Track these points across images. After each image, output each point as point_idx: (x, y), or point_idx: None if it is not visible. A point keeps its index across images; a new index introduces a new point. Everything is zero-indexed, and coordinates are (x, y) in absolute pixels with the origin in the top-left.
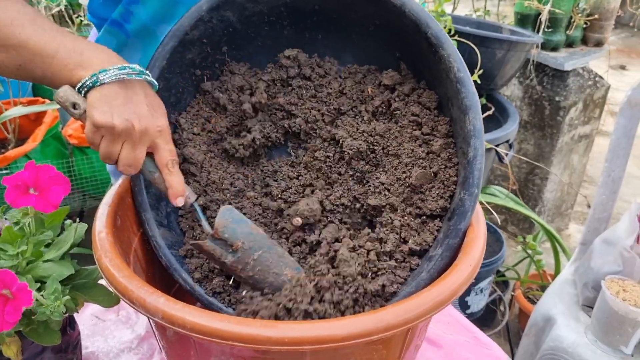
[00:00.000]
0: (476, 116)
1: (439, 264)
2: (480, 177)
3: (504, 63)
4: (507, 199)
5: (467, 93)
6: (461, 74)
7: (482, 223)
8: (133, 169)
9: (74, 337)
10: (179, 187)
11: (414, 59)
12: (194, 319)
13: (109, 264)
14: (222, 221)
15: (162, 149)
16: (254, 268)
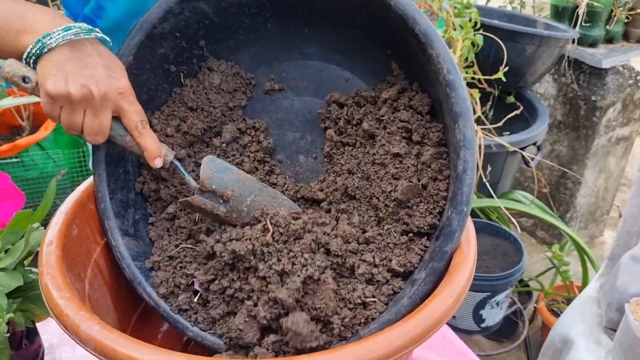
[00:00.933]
0: (467, 124)
1: (422, 289)
2: (471, 193)
3: (535, 59)
4: (533, 205)
5: (457, 98)
6: (451, 76)
7: (472, 245)
8: (101, 136)
9: (32, 350)
10: (154, 148)
11: (406, 57)
12: (128, 352)
13: (49, 282)
14: (207, 172)
15: (127, 111)
16: (249, 214)
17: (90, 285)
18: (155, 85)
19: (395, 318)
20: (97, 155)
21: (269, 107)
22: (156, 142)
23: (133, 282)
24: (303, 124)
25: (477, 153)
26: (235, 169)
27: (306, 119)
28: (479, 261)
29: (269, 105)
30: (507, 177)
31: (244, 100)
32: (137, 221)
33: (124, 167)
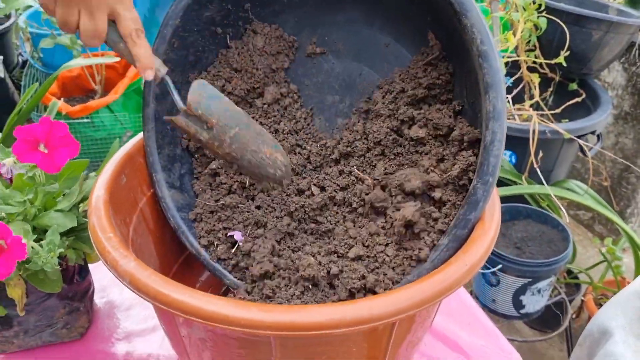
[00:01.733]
0: (497, 96)
1: (444, 255)
2: (497, 164)
3: (601, 46)
4: (587, 195)
5: (489, 69)
6: (484, 47)
7: (496, 217)
8: (97, 39)
9: (83, 286)
10: (146, 60)
11: (444, 26)
12: (158, 288)
13: (95, 223)
14: (195, 97)
15: (123, 17)
16: (231, 146)
17: (135, 231)
18: (202, 47)
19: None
20: (146, 112)
21: (310, 70)
22: (150, 54)
23: (177, 231)
24: (342, 88)
25: (505, 124)
26: (226, 98)
27: (346, 83)
28: (523, 246)
29: (311, 69)
30: (563, 165)
31: (287, 62)
32: (183, 175)
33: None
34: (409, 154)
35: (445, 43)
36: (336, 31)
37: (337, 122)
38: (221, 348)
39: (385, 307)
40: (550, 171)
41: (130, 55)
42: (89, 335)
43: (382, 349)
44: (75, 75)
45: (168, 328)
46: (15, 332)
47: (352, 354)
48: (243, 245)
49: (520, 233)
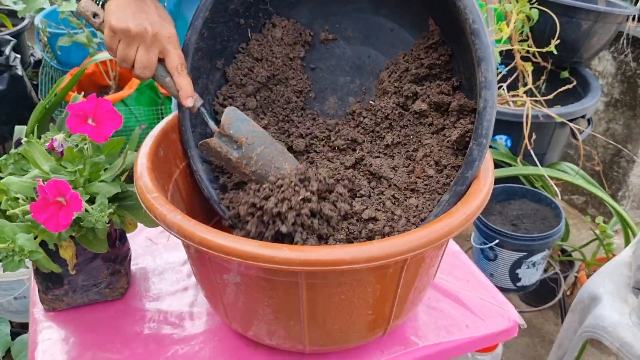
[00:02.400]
0: (488, 68)
1: (445, 208)
2: (490, 127)
3: (590, 35)
4: (578, 176)
5: (480, 44)
6: (476, 25)
7: (490, 176)
8: (148, 71)
9: (123, 250)
10: (188, 89)
11: (442, 10)
12: (202, 234)
13: (142, 185)
14: (228, 119)
15: (171, 53)
16: (257, 163)
17: (172, 198)
18: (227, 37)
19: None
20: None
21: (324, 55)
22: (190, 84)
23: (210, 199)
24: (353, 70)
25: (496, 93)
26: (252, 121)
27: (356, 65)
28: (518, 223)
29: (324, 54)
30: (556, 148)
31: (302, 52)
32: None
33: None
34: (413, 126)
35: (444, 27)
36: (346, 19)
37: (349, 100)
38: (254, 291)
39: (397, 247)
40: (544, 154)
41: (174, 86)
42: (129, 295)
43: (392, 290)
44: (90, 72)
45: (203, 276)
46: (65, 291)
47: (367, 294)
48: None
49: (516, 211)
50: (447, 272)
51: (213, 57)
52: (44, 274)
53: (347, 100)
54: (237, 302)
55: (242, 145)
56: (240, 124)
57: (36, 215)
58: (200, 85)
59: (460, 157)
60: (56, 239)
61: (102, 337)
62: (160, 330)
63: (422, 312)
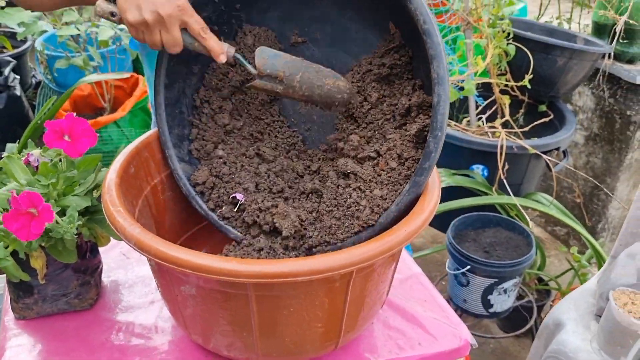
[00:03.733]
0: (440, 65)
1: (406, 198)
2: (444, 121)
3: (566, 71)
4: (552, 206)
5: (431, 43)
6: (426, 25)
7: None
8: (177, 47)
9: (93, 262)
10: (216, 48)
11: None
12: (157, 247)
13: (108, 199)
14: (261, 61)
15: (189, 22)
16: (302, 88)
17: (140, 213)
18: None
19: (386, 221)
20: (158, 100)
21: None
22: (218, 42)
23: (188, 196)
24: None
25: (448, 88)
26: (283, 53)
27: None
28: (491, 250)
29: (295, 55)
30: (532, 179)
31: None
32: (190, 151)
33: (179, 108)
34: (377, 122)
35: (405, 30)
36: (314, 23)
37: None
38: (209, 303)
39: (339, 261)
40: (520, 184)
41: (205, 48)
42: (98, 306)
43: (340, 303)
44: (86, 94)
45: (164, 288)
46: (35, 300)
47: (315, 307)
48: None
49: (490, 239)
50: (406, 292)
51: (189, 62)
52: (15, 283)
53: None
54: (195, 314)
55: (282, 79)
56: (274, 61)
57: (7, 224)
58: (177, 89)
59: (420, 150)
60: (26, 248)
61: (69, 346)
62: (126, 341)
63: (377, 329)
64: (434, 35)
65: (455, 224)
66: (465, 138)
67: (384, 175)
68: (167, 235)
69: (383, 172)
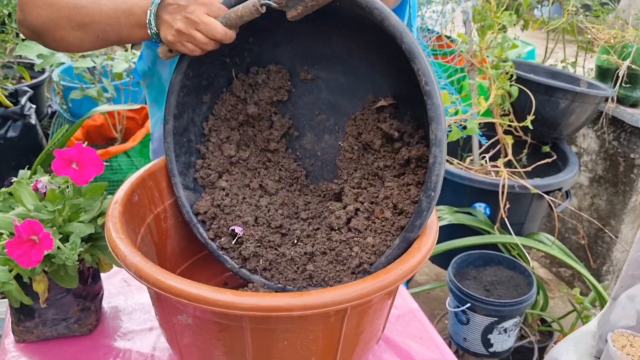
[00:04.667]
0: (438, 127)
1: (395, 252)
2: (438, 182)
3: (568, 113)
4: (554, 246)
5: (432, 105)
6: (428, 87)
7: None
8: (219, 29)
9: (94, 288)
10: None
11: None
12: (155, 276)
13: (110, 227)
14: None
15: (213, 8)
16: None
17: (142, 240)
18: (213, 74)
19: (375, 271)
20: (167, 128)
21: (304, 93)
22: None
23: (190, 223)
24: (328, 109)
25: (445, 149)
26: None
27: (331, 104)
28: (492, 289)
29: (304, 91)
30: (534, 219)
31: (286, 95)
32: (195, 179)
33: (187, 136)
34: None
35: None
36: (324, 61)
37: (324, 138)
38: (205, 333)
39: (333, 297)
40: (522, 224)
41: (237, 17)
42: (97, 332)
43: (335, 339)
44: (99, 125)
45: (162, 317)
46: (36, 323)
47: (309, 342)
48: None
49: (491, 277)
50: (403, 328)
51: (199, 92)
52: (17, 307)
53: (323, 137)
54: (191, 343)
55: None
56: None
57: (10, 251)
58: (186, 118)
59: (415, 205)
60: (30, 272)
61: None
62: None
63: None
64: (434, 97)
65: (456, 261)
66: (468, 176)
67: (378, 224)
68: (168, 263)
69: (378, 220)
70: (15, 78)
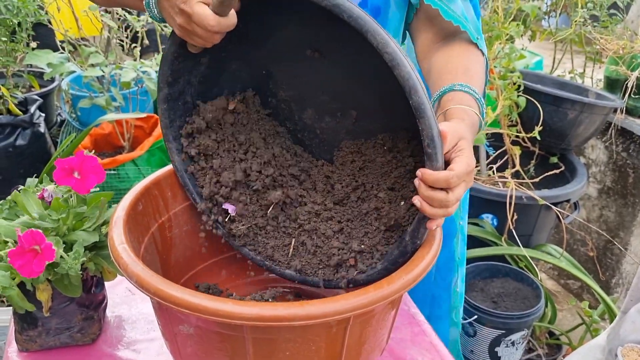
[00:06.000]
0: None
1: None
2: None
3: (576, 124)
4: (562, 258)
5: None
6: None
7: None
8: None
9: (98, 297)
10: None
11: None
12: (157, 285)
13: (114, 235)
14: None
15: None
16: None
17: (145, 249)
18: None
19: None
20: (160, 95)
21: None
22: None
23: (184, 187)
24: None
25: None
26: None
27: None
28: (499, 301)
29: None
30: (542, 230)
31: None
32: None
33: (183, 99)
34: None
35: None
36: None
37: (325, 119)
38: (207, 343)
39: (335, 307)
40: (530, 235)
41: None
42: (100, 341)
43: (337, 349)
44: (107, 133)
45: (165, 327)
46: (39, 332)
47: (311, 352)
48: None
49: (498, 289)
50: (409, 340)
51: (196, 56)
52: (20, 315)
53: (324, 118)
54: (193, 353)
55: None
56: None
57: (13, 261)
58: (182, 83)
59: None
60: (33, 280)
61: None
62: None
63: None
64: (435, 161)
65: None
66: (475, 187)
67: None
68: (172, 272)
69: (370, 226)
70: (25, 87)
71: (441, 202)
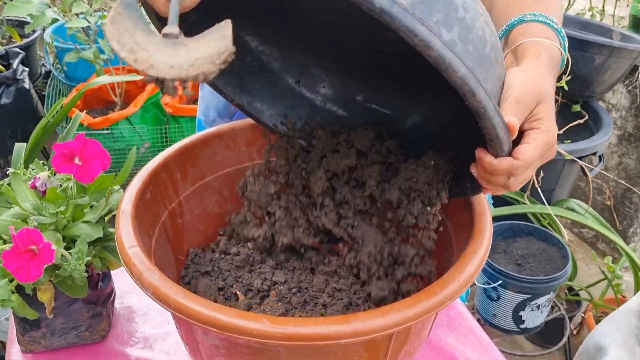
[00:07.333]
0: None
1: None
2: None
3: (603, 70)
4: (587, 215)
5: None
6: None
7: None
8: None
9: (105, 292)
10: None
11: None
12: (178, 299)
13: (123, 236)
14: None
15: None
16: None
17: (157, 242)
18: None
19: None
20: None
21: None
22: None
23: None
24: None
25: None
26: None
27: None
28: (523, 263)
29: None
30: (565, 185)
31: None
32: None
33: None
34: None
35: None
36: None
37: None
38: (233, 355)
39: (383, 321)
40: (552, 190)
41: None
42: (110, 338)
43: (381, 358)
44: (97, 88)
45: (185, 335)
46: (43, 333)
47: None
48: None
49: (522, 250)
50: (445, 326)
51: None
52: (21, 316)
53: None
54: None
55: None
56: None
57: (7, 264)
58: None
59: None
60: (33, 283)
61: None
62: None
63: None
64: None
65: None
66: None
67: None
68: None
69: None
70: (5, 38)
71: (500, 186)
